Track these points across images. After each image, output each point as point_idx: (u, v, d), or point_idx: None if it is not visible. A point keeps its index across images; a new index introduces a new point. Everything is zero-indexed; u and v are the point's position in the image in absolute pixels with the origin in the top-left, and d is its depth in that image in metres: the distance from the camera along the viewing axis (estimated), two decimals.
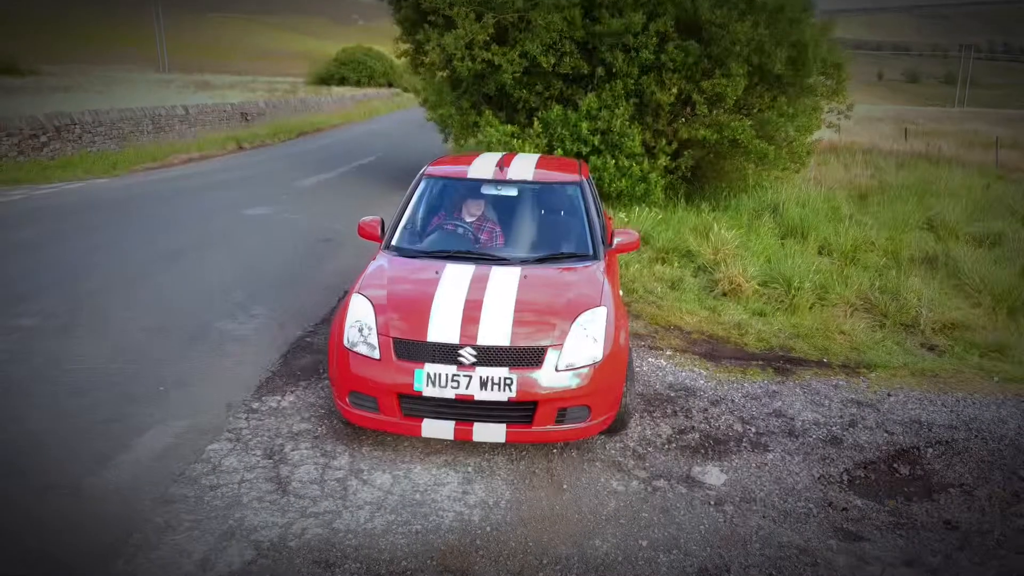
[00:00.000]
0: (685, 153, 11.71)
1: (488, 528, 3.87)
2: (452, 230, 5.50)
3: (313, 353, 6.07)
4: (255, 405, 5.07)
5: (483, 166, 5.79)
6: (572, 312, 4.47)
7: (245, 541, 3.64)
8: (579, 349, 4.32)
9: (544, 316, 4.49)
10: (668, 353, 6.50)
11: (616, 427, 4.73)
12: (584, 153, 11.17)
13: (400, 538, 3.75)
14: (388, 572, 3.51)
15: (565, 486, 4.31)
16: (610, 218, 7.58)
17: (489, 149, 11.22)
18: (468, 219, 5.61)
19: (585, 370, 4.31)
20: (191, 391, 5.22)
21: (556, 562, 3.64)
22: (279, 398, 5.21)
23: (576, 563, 3.64)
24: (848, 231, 9.74)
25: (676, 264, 8.82)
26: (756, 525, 4.03)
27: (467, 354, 4.23)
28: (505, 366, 4.23)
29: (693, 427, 5.12)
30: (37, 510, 3.75)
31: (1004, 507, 4.39)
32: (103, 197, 12.75)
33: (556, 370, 4.26)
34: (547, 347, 4.29)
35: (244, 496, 4.01)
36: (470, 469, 4.42)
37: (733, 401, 5.56)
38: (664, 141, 11.57)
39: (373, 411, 4.33)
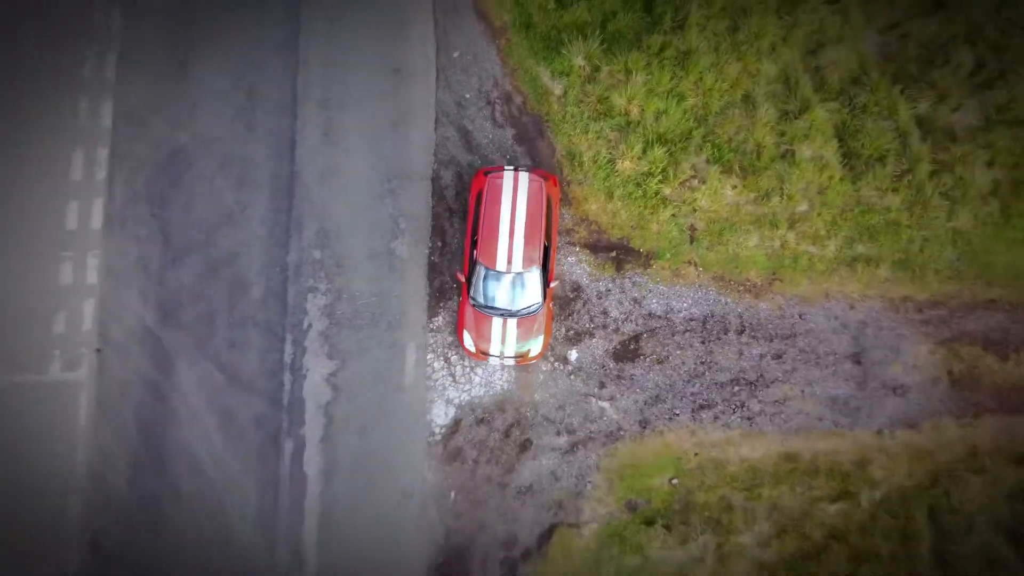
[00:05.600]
0: None
1: (510, 392, 15.60)
2: (490, 280, 14.88)
3: (439, 274, 15.78)
4: (431, 325, 15.70)
5: (502, 253, 14.45)
6: (536, 337, 14.93)
7: (451, 405, 15.44)
8: (535, 349, 15.02)
9: (528, 334, 14.97)
10: (577, 250, 16.11)
11: None
12: None
13: (487, 399, 15.54)
14: (487, 413, 15.53)
15: (530, 369, 15.76)
16: (557, 216, 15.41)
17: None
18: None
19: (538, 349, 15.10)
20: (407, 315, 15.61)
21: (528, 407, 15.58)
22: (438, 319, 15.71)
23: (529, 409, 15.58)
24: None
25: (606, 124, 16.27)
26: (569, 383, 15.69)
27: (503, 356, 15.08)
28: (514, 358, 15.12)
29: (572, 326, 15.90)
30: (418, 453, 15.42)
31: (657, 363, 15.92)
32: None
33: (528, 356, 15.13)
34: (527, 352, 15.03)
35: (445, 383, 15.52)
36: (497, 366, 15.72)
37: (591, 303, 15.97)
38: None
39: (474, 355, 15.37)
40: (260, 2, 16.27)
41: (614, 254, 15.80)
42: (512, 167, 14.74)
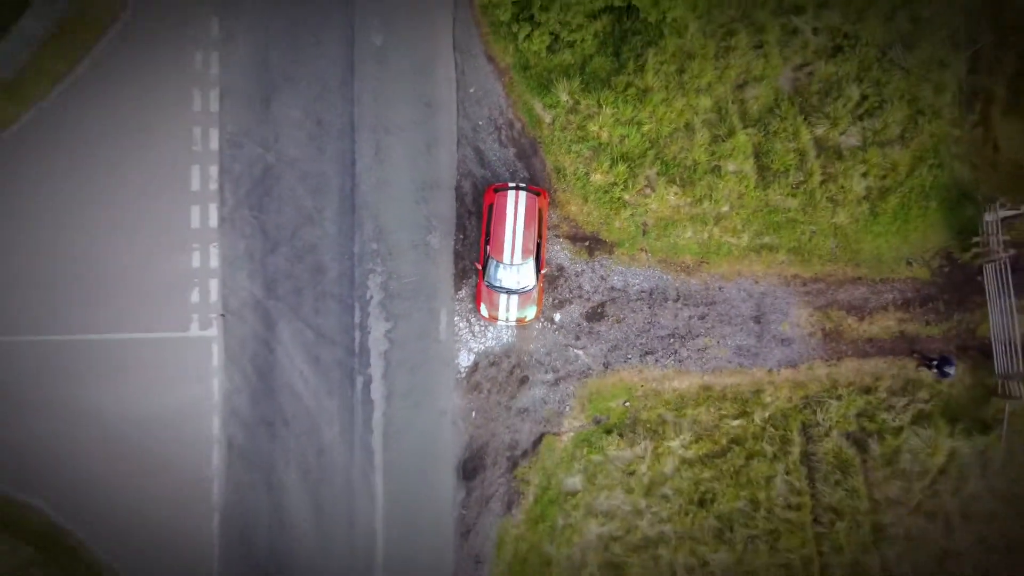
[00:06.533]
0: None
1: (513, 344, 22.26)
2: (499, 268, 21.22)
3: (461, 259, 22.05)
4: (457, 296, 22.15)
5: (507, 250, 20.69)
6: (531, 306, 21.42)
7: (473, 353, 22.07)
8: (530, 315, 21.52)
9: (526, 304, 21.47)
10: (561, 240, 22.37)
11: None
12: None
13: (499, 348, 22.16)
14: (497, 358, 22.28)
15: (527, 328, 22.36)
16: (547, 195, 21.42)
17: None
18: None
19: (532, 314, 21.68)
20: (440, 289, 22.02)
21: (525, 354, 22.23)
22: (462, 292, 22.15)
23: (526, 355, 22.27)
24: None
25: (583, 145, 22.11)
26: (554, 337, 22.37)
27: (508, 320, 21.62)
28: (515, 321, 21.68)
29: (556, 296, 22.37)
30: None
31: (616, 322, 22.54)
32: None
33: (526, 320, 21.69)
34: (525, 317, 21.55)
35: (468, 337, 22.13)
36: (504, 326, 22.30)
37: (570, 279, 22.35)
38: None
39: (487, 319, 21.96)
40: (321, 49, 21.64)
41: (587, 243, 21.94)
42: (514, 185, 20.66)
